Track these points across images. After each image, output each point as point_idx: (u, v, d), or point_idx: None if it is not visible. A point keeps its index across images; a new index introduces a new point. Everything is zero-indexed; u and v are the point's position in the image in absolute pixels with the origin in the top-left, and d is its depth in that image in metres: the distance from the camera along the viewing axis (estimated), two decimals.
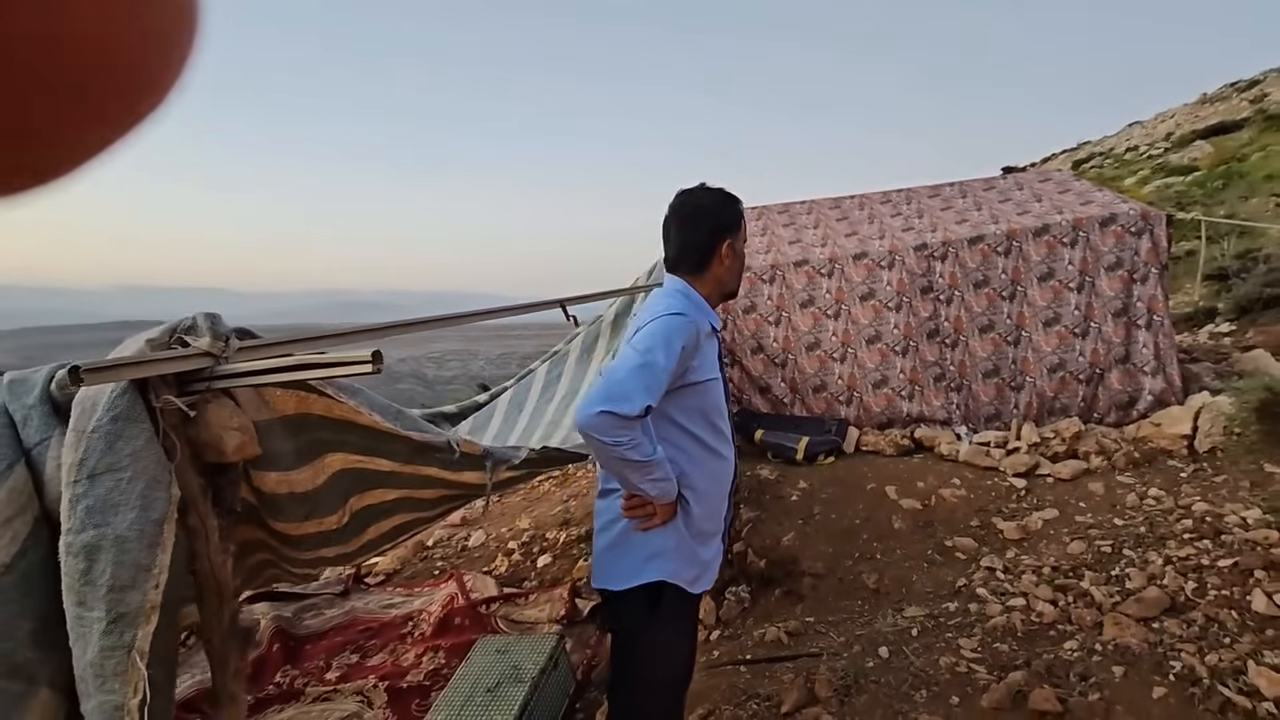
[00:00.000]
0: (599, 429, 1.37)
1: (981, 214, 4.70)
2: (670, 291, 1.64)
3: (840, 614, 3.01)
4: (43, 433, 1.01)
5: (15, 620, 0.88)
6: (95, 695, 0.86)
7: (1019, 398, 4.40)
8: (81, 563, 0.87)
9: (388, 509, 2.06)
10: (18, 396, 1.04)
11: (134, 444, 0.91)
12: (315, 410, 1.38)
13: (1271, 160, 13.24)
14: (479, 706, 2.81)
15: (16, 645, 0.87)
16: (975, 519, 3.49)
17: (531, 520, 5.60)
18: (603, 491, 1.70)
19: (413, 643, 3.95)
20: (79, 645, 0.87)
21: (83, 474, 0.89)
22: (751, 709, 2.43)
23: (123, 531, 0.87)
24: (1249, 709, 1.97)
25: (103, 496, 0.88)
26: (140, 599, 0.87)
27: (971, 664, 2.42)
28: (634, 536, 1.60)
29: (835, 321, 4.56)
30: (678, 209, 1.67)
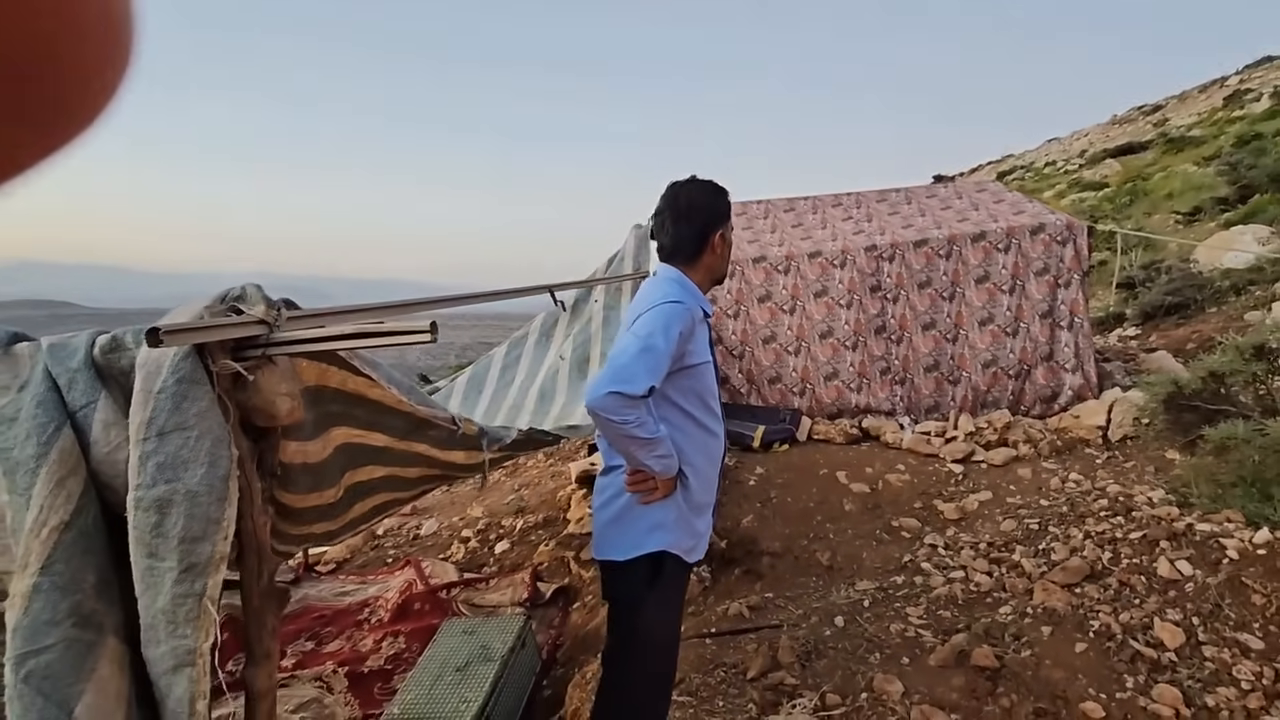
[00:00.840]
0: (608, 409, 1.47)
1: (925, 219, 5.02)
2: (665, 280, 1.73)
3: (797, 589, 3.20)
4: (89, 395, 1.04)
5: (81, 574, 0.91)
6: (166, 641, 0.90)
7: (956, 391, 4.73)
8: (153, 516, 0.91)
9: (373, 486, 2.08)
10: (60, 360, 1.05)
11: (199, 404, 0.95)
12: (332, 383, 1.42)
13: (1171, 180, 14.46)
14: (449, 685, 2.86)
15: (84, 597, 0.90)
16: (918, 501, 3.76)
17: (484, 509, 5.61)
18: (605, 469, 1.79)
19: (370, 629, 3.93)
20: (149, 594, 0.91)
21: (152, 432, 0.93)
22: (719, 676, 2.58)
23: (193, 486, 0.92)
24: (1154, 658, 2.26)
25: (173, 453, 0.92)
26: (210, 550, 0.92)
27: (919, 629, 2.64)
28: (636, 510, 1.69)
29: (791, 316, 4.78)
30: (672, 202, 1.76)
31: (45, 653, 0.86)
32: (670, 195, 1.78)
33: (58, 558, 0.89)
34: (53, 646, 0.86)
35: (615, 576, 1.76)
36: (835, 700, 2.31)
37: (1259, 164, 11.07)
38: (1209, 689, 2.12)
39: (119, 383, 1.07)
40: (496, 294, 1.80)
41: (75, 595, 0.90)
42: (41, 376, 1.04)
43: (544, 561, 4.42)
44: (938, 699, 2.24)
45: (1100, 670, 2.27)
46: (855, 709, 2.26)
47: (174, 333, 0.89)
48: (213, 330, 0.95)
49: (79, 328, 1.15)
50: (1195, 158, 15.96)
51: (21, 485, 0.97)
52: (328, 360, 1.32)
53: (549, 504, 5.33)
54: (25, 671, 0.84)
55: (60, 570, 0.89)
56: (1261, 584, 2.42)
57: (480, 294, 1.70)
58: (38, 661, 0.85)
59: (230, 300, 1.06)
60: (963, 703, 2.21)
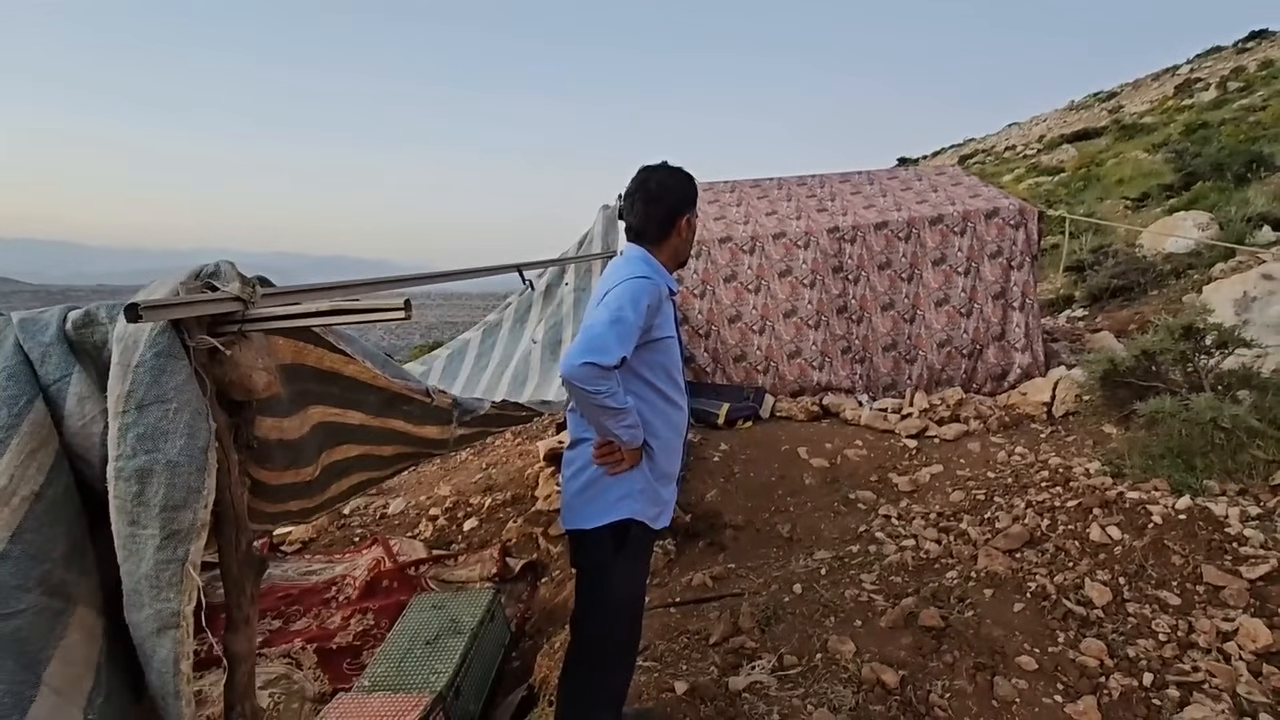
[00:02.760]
0: (583, 379, 1.53)
1: (886, 201, 5.15)
2: (632, 259, 1.80)
3: (759, 559, 3.34)
4: (62, 370, 1.05)
5: (50, 544, 0.93)
6: (150, 605, 0.94)
7: (912, 369, 4.91)
8: (134, 485, 0.94)
9: (349, 466, 2.10)
10: (32, 335, 1.06)
11: (177, 378, 0.98)
12: (308, 360, 1.44)
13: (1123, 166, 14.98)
14: (419, 658, 2.91)
15: (53, 566, 0.93)
16: (874, 475, 3.93)
17: (452, 488, 5.64)
18: (573, 442, 1.85)
19: (338, 606, 3.94)
20: (131, 560, 0.94)
21: (131, 404, 0.95)
22: (683, 642, 2.69)
23: (173, 457, 0.95)
24: (1084, 615, 2.45)
25: (152, 425, 0.95)
26: (192, 518, 0.95)
27: (872, 594, 2.80)
28: (605, 480, 1.76)
29: (756, 296, 4.88)
30: (642, 184, 1.82)
31: (15, 617, 0.88)
32: (641, 178, 1.83)
33: (28, 527, 0.92)
34: (23, 612, 0.88)
35: (584, 544, 1.82)
36: (792, 661, 2.44)
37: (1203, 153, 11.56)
38: (1131, 641, 2.31)
39: (92, 357, 1.09)
40: (467, 272, 1.83)
41: (44, 564, 0.92)
42: (12, 350, 1.05)
43: (512, 538, 4.48)
44: (887, 657, 2.38)
45: (1035, 627, 2.44)
46: (810, 668, 2.40)
47: (152, 308, 0.91)
48: (190, 306, 0.98)
49: (21, 304, 1.16)
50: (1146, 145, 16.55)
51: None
52: (304, 337, 1.35)
53: (517, 482, 5.38)
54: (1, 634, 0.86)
55: (30, 539, 0.91)
56: (1181, 546, 2.62)
57: (450, 272, 1.73)
58: (7, 625, 0.87)
59: (205, 277, 1.07)
60: (910, 660, 2.37)
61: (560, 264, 3.80)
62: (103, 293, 5.94)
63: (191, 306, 0.98)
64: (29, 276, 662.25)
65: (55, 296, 57.82)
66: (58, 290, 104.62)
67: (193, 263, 1.13)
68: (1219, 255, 7.27)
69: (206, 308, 1.00)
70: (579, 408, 1.67)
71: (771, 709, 2.20)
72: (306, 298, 1.23)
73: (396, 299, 1.04)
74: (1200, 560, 2.54)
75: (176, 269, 1.14)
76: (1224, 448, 3.04)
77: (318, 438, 1.71)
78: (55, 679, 0.90)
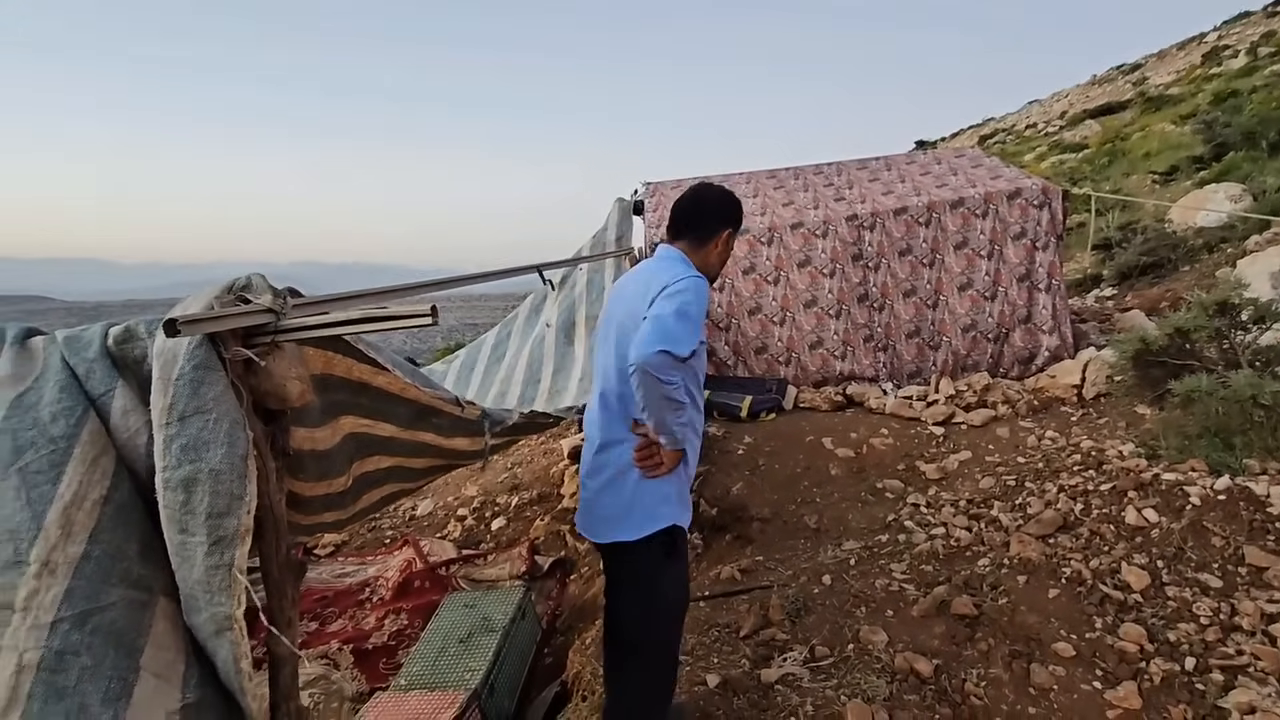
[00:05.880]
0: (658, 367, 1.49)
1: (905, 186, 5.08)
2: (678, 257, 1.82)
3: (786, 551, 3.33)
4: (106, 384, 1.09)
5: (125, 542, 0.98)
6: (206, 608, 0.98)
7: (937, 356, 4.85)
8: (181, 494, 0.97)
9: (380, 478, 2.14)
10: (76, 351, 1.11)
11: (215, 389, 1.01)
12: (337, 371, 1.48)
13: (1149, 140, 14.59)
14: (453, 656, 2.96)
15: (131, 563, 0.98)
16: (901, 463, 3.89)
17: (479, 488, 5.70)
18: (602, 446, 1.79)
19: (372, 607, 4.02)
20: (184, 567, 0.98)
21: (173, 416, 0.99)
22: (714, 635, 2.70)
23: (216, 465, 0.98)
24: (1121, 600, 2.40)
25: (194, 435, 0.99)
26: (235, 524, 0.99)
27: (902, 584, 2.78)
28: (642, 486, 1.72)
29: (775, 287, 4.85)
30: (701, 193, 1.89)
31: (109, 610, 0.94)
32: (701, 189, 1.91)
33: (104, 527, 0.97)
34: (115, 605, 0.94)
35: (628, 556, 1.76)
36: (824, 652, 2.44)
37: (1234, 122, 11.19)
38: (1171, 625, 2.26)
39: (133, 371, 1.13)
40: (488, 275, 1.85)
41: (124, 561, 0.98)
42: (60, 366, 1.09)
43: (540, 536, 4.53)
44: (920, 646, 2.37)
45: (1071, 613, 2.41)
46: (843, 659, 2.39)
47: (189, 322, 0.94)
48: (224, 319, 1.01)
49: (58, 320, 1.21)
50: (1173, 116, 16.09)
51: (36, 465, 1.02)
52: (333, 347, 1.38)
53: (542, 480, 5.43)
54: (91, 626, 0.92)
55: (107, 539, 0.97)
56: (1221, 527, 2.56)
57: (473, 276, 1.75)
58: (103, 617, 0.93)
59: (237, 290, 1.11)
60: (943, 649, 2.35)
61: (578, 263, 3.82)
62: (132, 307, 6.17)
63: (226, 319, 1.01)
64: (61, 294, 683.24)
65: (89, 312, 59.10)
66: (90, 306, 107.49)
67: (215, 275, 1.17)
68: (1253, 227, 7.06)
69: (240, 320, 1.03)
70: (645, 400, 1.57)
71: (805, 700, 2.20)
72: (335, 306, 1.25)
73: (423, 305, 1.06)
74: (1242, 541, 2.48)
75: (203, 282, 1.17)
76: (1264, 425, 2.96)
77: (348, 448, 1.74)
78: (152, 664, 0.96)
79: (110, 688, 0.92)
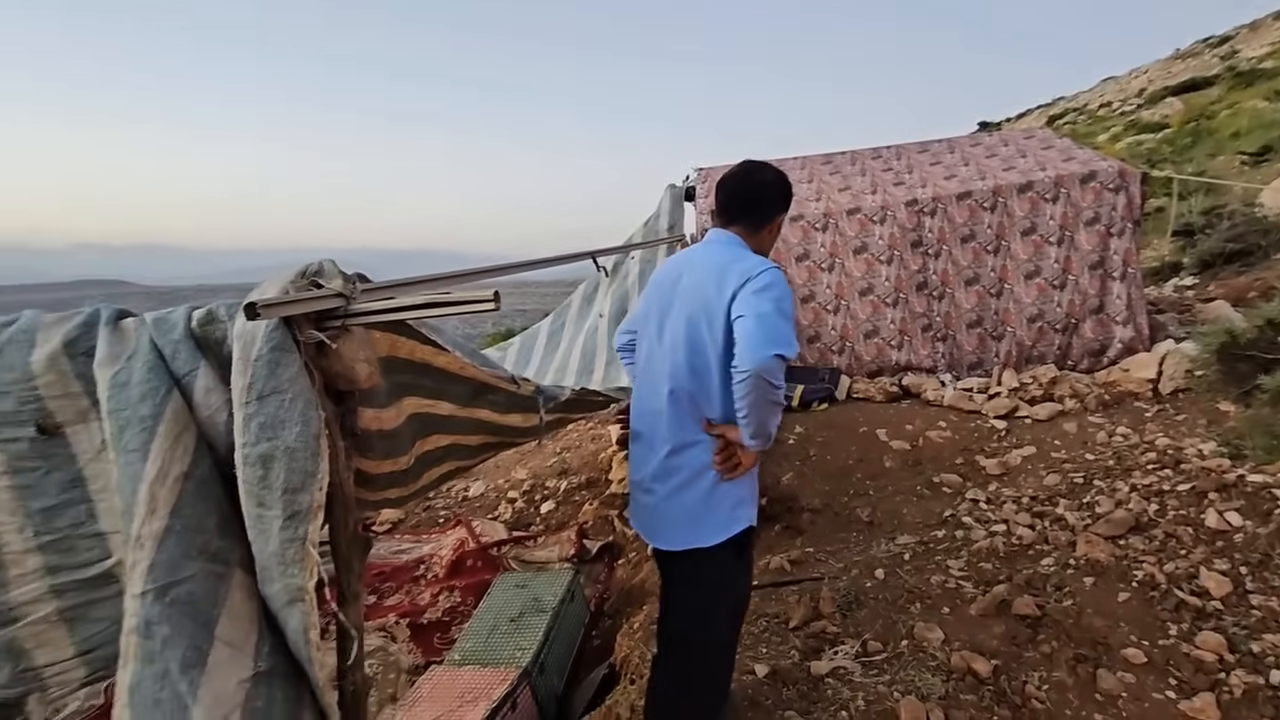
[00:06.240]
0: (773, 372, 1.42)
1: (969, 169, 4.88)
2: (738, 243, 1.74)
3: (837, 544, 3.28)
4: (190, 364, 1.15)
5: (205, 517, 1.04)
6: (279, 580, 1.02)
7: (1000, 346, 4.66)
8: (259, 470, 1.02)
9: (440, 455, 2.19)
10: (164, 333, 1.17)
11: (290, 370, 1.05)
12: (401, 353, 1.52)
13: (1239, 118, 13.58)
14: (505, 634, 3.04)
15: (210, 536, 1.03)
16: (960, 457, 3.77)
17: (529, 471, 5.81)
18: (676, 449, 1.69)
19: (427, 584, 4.14)
20: (260, 539, 1.03)
21: (252, 395, 1.03)
22: (762, 625, 2.68)
23: (290, 443, 1.02)
24: (1199, 607, 2.28)
25: (271, 414, 1.03)
26: (309, 499, 1.03)
27: (959, 581, 2.70)
28: (720, 488, 1.65)
29: (829, 275, 4.75)
30: (754, 171, 1.79)
31: (187, 582, 0.99)
32: (752, 166, 1.81)
33: (185, 503, 1.02)
34: (193, 577, 0.99)
35: (697, 561, 1.69)
36: (876, 647, 2.39)
37: None
38: (1255, 636, 2.13)
39: (214, 352, 1.18)
40: (546, 261, 1.87)
41: (203, 535, 1.03)
42: (148, 346, 1.15)
43: (588, 520, 4.59)
44: (978, 645, 2.30)
45: (1143, 618, 2.29)
46: (896, 655, 2.34)
47: (268, 306, 0.98)
48: (299, 303, 1.04)
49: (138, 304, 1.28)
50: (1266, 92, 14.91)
51: (132, 443, 1.09)
52: (397, 330, 1.41)
53: (590, 466, 5.49)
54: (170, 598, 0.98)
55: (188, 514, 1.02)
56: None
57: (531, 262, 1.77)
58: (181, 590, 0.98)
59: (310, 275, 1.14)
60: (1003, 649, 2.27)
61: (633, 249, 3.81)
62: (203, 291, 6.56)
63: (300, 304, 1.04)
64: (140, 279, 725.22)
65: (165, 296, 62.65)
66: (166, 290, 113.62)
67: (277, 262, 1.21)
68: None
69: (313, 304, 1.06)
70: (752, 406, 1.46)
71: (856, 694, 2.17)
72: (401, 291, 1.28)
73: (486, 290, 1.07)
74: None
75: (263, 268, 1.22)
76: None
77: (412, 428, 1.79)
78: (226, 634, 1.01)
79: (186, 656, 0.97)
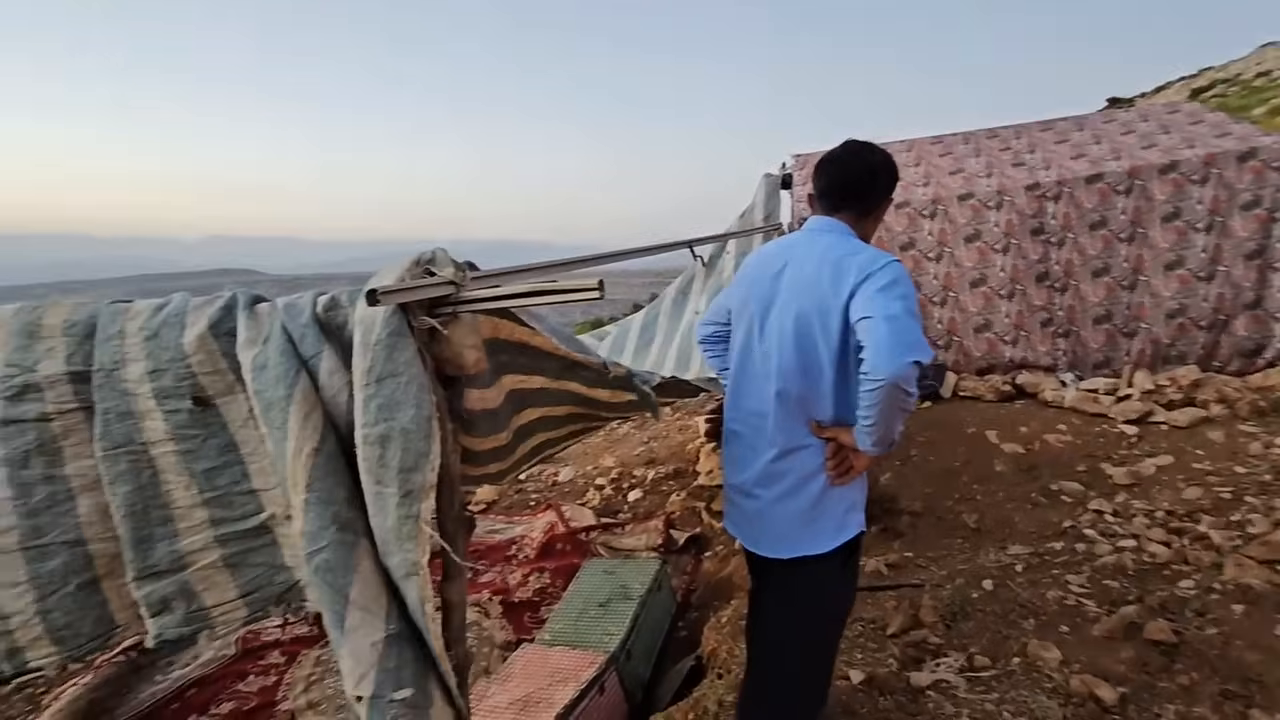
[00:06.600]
0: (909, 380, 1.32)
1: (1100, 148, 4.43)
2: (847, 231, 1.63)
3: (940, 550, 3.10)
4: (316, 348, 1.22)
5: (334, 489, 1.11)
6: (397, 554, 1.08)
7: (1132, 344, 4.23)
8: (376, 449, 1.07)
9: (532, 427, 2.27)
10: (293, 318, 1.25)
11: (406, 354, 1.10)
12: (502, 334, 1.56)
13: None
14: (593, 619, 3.09)
15: (340, 507, 1.10)
16: (1082, 464, 3.47)
17: (616, 459, 5.87)
18: (783, 452, 1.60)
19: (518, 564, 4.28)
20: (379, 516, 1.08)
21: (371, 378, 1.09)
22: (857, 630, 2.58)
23: (406, 425, 1.07)
24: None
25: (389, 396, 1.08)
26: (422, 479, 1.07)
27: (1080, 598, 2.48)
28: (832, 493, 1.57)
29: (936, 264, 4.47)
30: (860, 154, 1.64)
31: (323, 551, 1.07)
32: (859, 147, 1.67)
33: (316, 477, 1.10)
34: (327, 546, 1.07)
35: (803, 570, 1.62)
36: (984, 662, 2.24)
37: None
38: None
39: (337, 336, 1.25)
40: (642, 250, 1.86)
41: (333, 506, 1.10)
42: (280, 330, 1.24)
43: (676, 510, 4.59)
44: (1102, 670, 2.11)
45: None
46: (1006, 672, 2.19)
47: (387, 293, 1.02)
48: (415, 291, 1.08)
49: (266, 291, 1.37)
50: None
51: (276, 421, 1.18)
52: (500, 314, 1.45)
53: (678, 456, 5.48)
54: (314, 565, 1.06)
55: (320, 487, 1.09)
56: None
57: (627, 251, 1.76)
58: (320, 558, 1.07)
59: (424, 263, 1.19)
60: (1131, 676, 2.07)
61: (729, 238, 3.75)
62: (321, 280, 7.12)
63: (416, 291, 1.08)
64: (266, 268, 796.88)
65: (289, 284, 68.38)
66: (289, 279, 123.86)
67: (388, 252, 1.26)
68: None
69: (427, 291, 1.10)
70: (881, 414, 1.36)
71: (960, 711, 2.04)
72: (508, 280, 1.31)
73: (590, 280, 1.07)
74: None
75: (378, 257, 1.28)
76: None
77: (510, 404, 1.85)
78: (360, 599, 1.08)
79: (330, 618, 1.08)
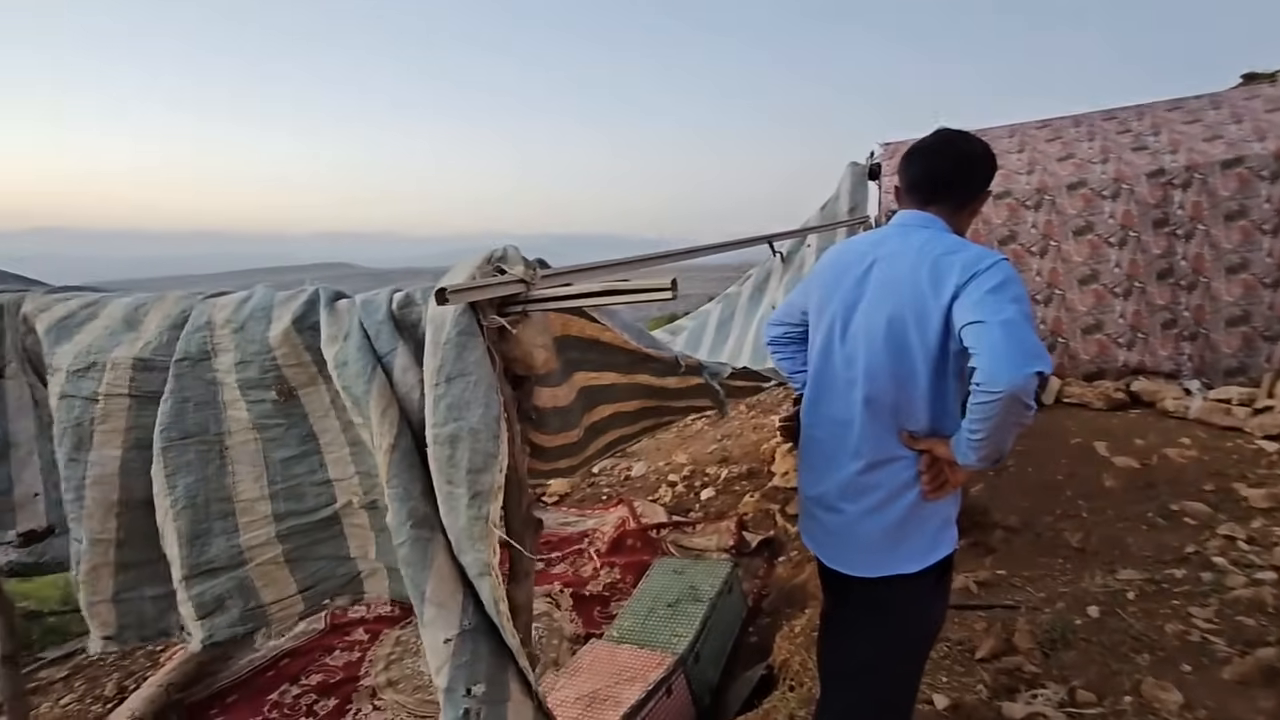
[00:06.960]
0: (1030, 391, 1.24)
1: (1241, 129, 3.95)
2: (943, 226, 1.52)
3: (1038, 570, 2.86)
4: (390, 344, 1.23)
5: (411, 484, 1.12)
6: (470, 552, 1.08)
7: (1274, 349, 3.76)
8: (446, 449, 1.07)
9: (605, 424, 2.25)
10: (369, 314, 1.26)
11: (475, 354, 1.08)
12: (573, 331, 1.54)
13: None
14: (662, 619, 3.05)
15: (417, 503, 1.11)
16: (1210, 483, 3.11)
17: (689, 456, 5.80)
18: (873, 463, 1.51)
19: (589, 558, 4.31)
20: (451, 515, 1.08)
21: (441, 378, 1.08)
22: (942, 650, 2.42)
23: (475, 424, 1.06)
24: None
25: (458, 396, 1.07)
26: (491, 480, 1.06)
27: (1207, 634, 2.22)
28: (923, 510, 1.48)
29: (1041, 260, 4.13)
30: (956, 142, 1.55)
31: (403, 546, 1.09)
32: (954, 135, 1.57)
33: (394, 472, 1.11)
34: (405, 542, 1.09)
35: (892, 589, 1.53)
36: (1088, 698, 2.04)
37: None
38: None
39: (410, 333, 1.26)
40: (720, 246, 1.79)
41: (411, 502, 1.11)
42: (358, 327, 1.25)
43: (748, 512, 4.48)
44: (1234, 719, 1.87)
45: None
46: (1115, 711, 1.98)
47: (456, 292, 1.01)
48: (484, 289, 1.06)
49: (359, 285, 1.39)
50: None
51: (358, 417, 1.22)
52: (571, 311, 1.43)
53: (751, 456, 5.36)
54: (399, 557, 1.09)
55: (398, 482, 1.11)
56: None
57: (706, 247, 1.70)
58: (400, 552, 1.09)
59: (495, 261, 1.17)
60: None
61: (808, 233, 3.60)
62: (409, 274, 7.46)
63: (485, 289, 1.06)
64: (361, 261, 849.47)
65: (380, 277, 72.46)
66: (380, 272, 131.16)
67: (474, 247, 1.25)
68: None
69: (497, 290, 1.08)
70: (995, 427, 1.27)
71: None
72: (579, 278, 1.28)
73: (663, 279, 1.02)
74: None
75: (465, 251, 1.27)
76: None
77: (582, 402, 1.83)
78: (435, 595, 1.09)
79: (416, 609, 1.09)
